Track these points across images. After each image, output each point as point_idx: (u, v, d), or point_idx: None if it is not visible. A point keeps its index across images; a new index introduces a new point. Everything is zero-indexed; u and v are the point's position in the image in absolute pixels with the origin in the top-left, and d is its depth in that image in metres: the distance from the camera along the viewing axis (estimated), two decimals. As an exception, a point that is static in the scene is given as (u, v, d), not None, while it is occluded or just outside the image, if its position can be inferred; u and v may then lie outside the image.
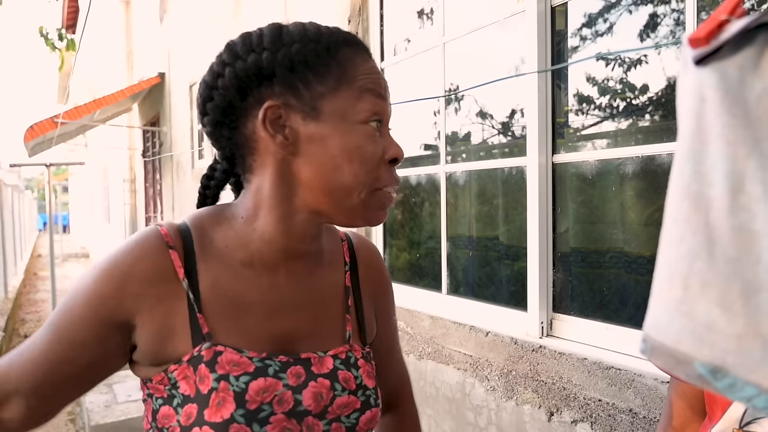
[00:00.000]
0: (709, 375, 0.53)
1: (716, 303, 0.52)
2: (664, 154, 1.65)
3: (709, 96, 0.52)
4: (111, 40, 11.62)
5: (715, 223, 0.52)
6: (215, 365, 0.75)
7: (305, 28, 0.80)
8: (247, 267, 0.81)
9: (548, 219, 1.98)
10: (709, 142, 0.52)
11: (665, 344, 0.55)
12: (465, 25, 2.37)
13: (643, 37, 1.74)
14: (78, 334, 0.76)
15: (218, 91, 0.79)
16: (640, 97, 1.78)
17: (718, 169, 0.52)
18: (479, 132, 2.46)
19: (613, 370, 1.65)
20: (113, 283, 0.76)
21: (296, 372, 0.80)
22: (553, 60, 1.96)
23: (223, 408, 0.73)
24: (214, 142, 0.84)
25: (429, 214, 2.67)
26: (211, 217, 0.83)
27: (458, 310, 2.37)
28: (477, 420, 2.16)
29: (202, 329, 0.77)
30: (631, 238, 1.79)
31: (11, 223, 11.44)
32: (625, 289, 1.82)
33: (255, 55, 0.78)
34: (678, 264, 0.54)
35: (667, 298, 0.55)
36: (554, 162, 1.96)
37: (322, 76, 0.78)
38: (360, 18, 2.88)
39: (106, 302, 0.76)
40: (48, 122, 7.01)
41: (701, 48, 0.53)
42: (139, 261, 0.77)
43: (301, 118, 0.77)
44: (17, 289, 9.85)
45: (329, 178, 0.78)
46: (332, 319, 0.89)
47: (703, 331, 0.52)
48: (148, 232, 0.79)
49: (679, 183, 0.55)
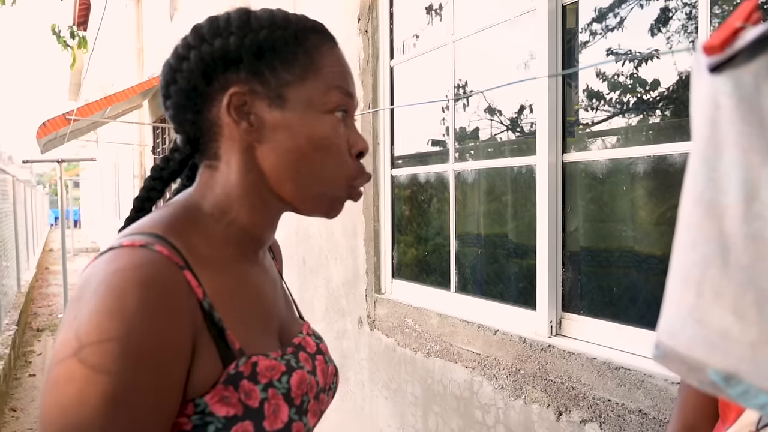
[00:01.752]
0: (722, 382, 0.52)
1: (730, 310, 0.52)
2: (676, 153, 1.64)
3: (724, 103, 0.52)
4: (122, 37, 11.67)
5: (728, 230, 0.52)
6: (257, 376, 0.72)
7: (273, 15, 0.79)
8: (234, 266, 0.80)
9: (558, 218, 1.97)
10: (724, 150, 0.52)
11: (678, 350, 0.55)
12: (475, 23, 2.36)
13: (654, 32, 1.73)
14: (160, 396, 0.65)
15: (182, 74, 0.77)
16: (651, 92, 1.77)
17: (732, 177, 0.52)
18: (488, 130, 2.46)
19: (623, 370, 1.64)
20: (163, 322, 0.65)
21: (304, 357, 0.83)
22: (563, 58, 1.95)
23: (280, 413, 0.73)
24: (177, 126, 0.81)
25: (437, 212, 2.67)
26: (181, 221, 0.76)
27: (466, 308, 2.37)
28: (485, 418, 2.16)
29: (234, 345, 0.72)
30: (642, 238, 1.78)
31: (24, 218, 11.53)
32: (636, 289, 1.82)
33: (222, 39, 0.76)
34: (691, 271, 0.54)
35: (680, 305, 0.55)
36: (564, 161, 1.96)
37: (289, 63, 0.77)
38: (369, 16, 2.88)
39: (176, 344, 0.66)
40: (60, 119, 7.06)
41: (716, 55, 0.53)
42: (166, 295, 0.66)
43: (267, 105, 0.76)
44: (29, 284, 9.94)
45: (294, 166, 0.77)
46: (288, 302, 0.94)
47: (717, 338, 0.52)
48: (147, 259, 0.67)
49: (692, 189, 0.55)
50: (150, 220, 0.76)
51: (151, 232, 0.72)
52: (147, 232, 0.71)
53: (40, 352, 6.49)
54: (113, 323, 0.62)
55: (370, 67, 2.87)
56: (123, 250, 0.68)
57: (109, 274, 0.65)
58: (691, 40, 1.63)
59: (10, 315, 6.90)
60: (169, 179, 0.83)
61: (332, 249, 3.25)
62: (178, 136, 0.83)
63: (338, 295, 3.20)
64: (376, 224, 2.89)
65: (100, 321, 0.62)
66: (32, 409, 4.72)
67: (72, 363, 0.61)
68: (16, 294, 8.52)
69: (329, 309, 3.30)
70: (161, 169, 0.82)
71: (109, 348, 0.61)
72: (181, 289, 0.68)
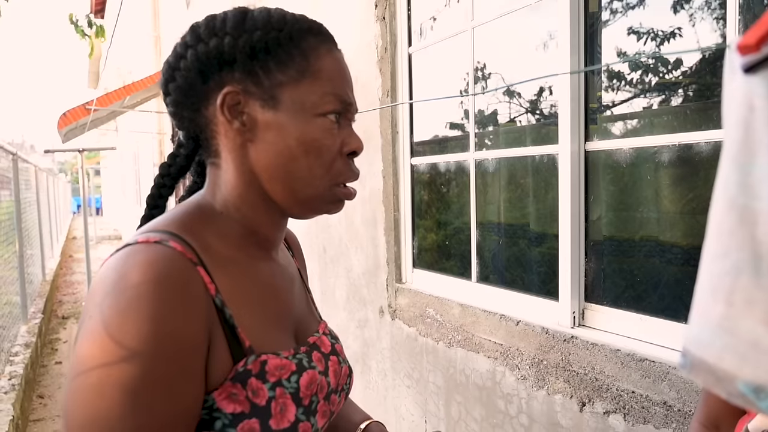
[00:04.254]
0: (752, 394, 0.51)
1: (761, 321, 0.50)
2: (702, 142, 1.60)
3: (759, 105, 0.50)
4: (139, 25, 11.71)
5: (762, 238, 0.50)
6: (266, 375, 0.73)
7: (270, 15, 0.80)
8: (248, 264, 0.81)
9: (580, 207, 1.95)
10: (758, 154, 0.50)
11: (706, 360, 0.54)
12: (495, 8, 2.32)
13: (677, 9, 1.69)
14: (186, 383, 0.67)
15: (180, 72, 0.79)
16: (674, 71, 1.73)
17: (766, 182, 0.50)
18: (508, 114, 2.43)
19: (647, 362, 1.63)
20: (180, 317, 0.66)
21: (318, 357, 0.84)
22: (586, 44, 1.91)
23: (287, 412, 0.74)
24: (177, 123, 0.83)
25: (458, 200, 2.65)
26: (195, 220, 0.78)
27: (488, 298, 2.36)
28: (508, 408, 2.15)
29: (244, 343, 0.73)
30: (666, 227, 1.75)
31: (47, 206, 11.69)
32: (660, 279, 1.79)
33: (217, 39, 0.77)
34: (722, 279, 0.53)
35: (710, 314, 0.54)
36: (587, 150, 1.93)
37: (284, 65, 0.77)
38: (387, 2, 2.85)
39: (192, 339, 0.67)
40: (80, 109, 7.13)
41: (751, 55, 0.51)
42: (182, 291, 0.67)
43: (260, 106, 0.77)
44: (54, 272, 10.09)
45: (284, 167, 0.78)
46: (305, 300, 0.94)
47: (747, 349, 0.51)
48: (162, 255, 0.67)
49: (724, 195, 0.53)
50: (164, 218, 0.78)
51: (166, 229, 0.73)
52: (161, 229, 0.73)
53: (66, 339, 6.59)
54: (132, 317, 0.63)
55: (388, 54, 2.85)
56: (138, 246, 0.69)
57: (127, 269, 0.66)
58: (723, 39, 1.59)
59: (35, 303, 7.01)
60: (178, 175, 0.85)
61: (352, 238, 3.25)
62: (180, 133, 0.85)
63: (359, 284, 3.21)
64: (396, 213, 2.88)
65: (119, 315, 0.63)
66: (59, 396, 4.81)
67: (93, 360, 0.62)
68: (41, 282, 8.66)
69: (350, 298, 3.31)
70: (169, 166, 0.84)
71: (128, 340, 0.62)
72: (196, 284, 0.69)
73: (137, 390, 0.61)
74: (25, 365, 4.60)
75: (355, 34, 3.05)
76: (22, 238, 6.47)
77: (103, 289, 0.66)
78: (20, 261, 6.18)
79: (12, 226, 6.20)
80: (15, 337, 5.46)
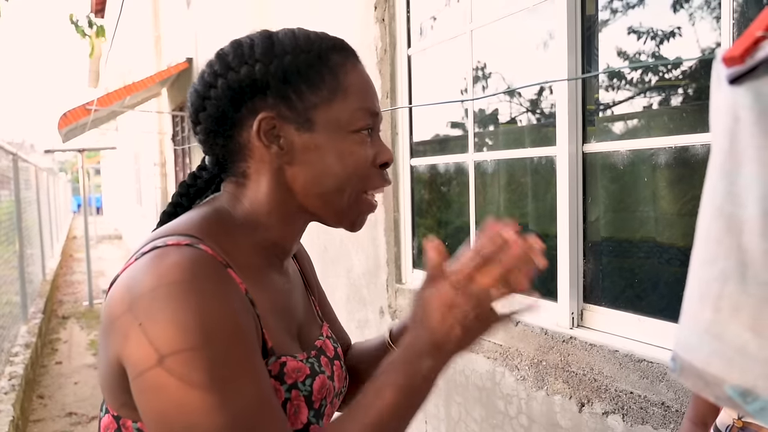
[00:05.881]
0: (739, 398, 0.52)
1: (748, 327, 0.51)
2: (698, 144, 1.61)
3: (744, 116, 0.51)
4: (140, 24, 11.72)
5: (747, 246, 0.51)
6: (284, 377, 0.75)
7: (296, 37, 0.80)
8: (266, 273, 0.83)
9: (578, 208, 1.96)
10: (743, 163, 0.51)
11: (695, 365, 0.55)
12: (493, 11, 2.33)
13: (676, 8, 1.70)
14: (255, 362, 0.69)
15: (211, 102, 0.79)
16: (671, 73, 1.74)
17: (751, 191, 0.51)
18: (507, 114, 2.44)
19: (645, 362, 1.64)
20: (229, 304, 0.68)
21: (325, 362, 0.86)
22: (583, 47, 1.92)
23: (300, 414, 0.76)
24: (206, 150, 0.84)
25: (458, 201, 2.66)
26: (214, 227, 0.78)
27: (487, 298, 2.36)
28: (507, 408, 2.16)
29: (267, 343, 0.75)
30: (664, 228, 1.77)
31: (47, 205, 11.69)
32: (658, 280, 1.80)
33: (248, 67, 0.78)
34: (709, 285, 0.54)
35: (698, 319, 0.55)
36: (585, 151, 1.94)
37: (316, 86, 0.78)
38: (386, 4, 2.86)
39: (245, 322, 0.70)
40: (80, 109, 7.13)
41: (736, 66, 0.52)
42: (225, 285, 0.69)
43: (295, 129, 0.78)
44: (54, 271, 10.09)
45: (322, 183, 0.79)
46: (309, 304, 0.96)
47: (734, 354, 0.52)
48: (197, 255, 0.69)
49: (711, 203, 0.54)
50: (184, 222, 0.78)
51: (189, 233, 0.73)
52: (185, 233, 0.73)
53: (66, 339, 6.60)
54: (191, 310, 0.64)
55: (388, 55, 2.86)
56: (170, 248, 0.69)
57: (163, 270, 0.66)
58: (712, 50, 1.60)
59: (36, 303, 7.01)
60: (195, 196, 0.86)
61: (353, 239, 3.26)
62: (207, 157, 0.86)
63: (359, 284, 3.22)
64: (396, 214, 2.89)
65: (174, 316, 0.64)
66: (59, 397, 4.82)
67: (159, 365, 0.63)
68: (42, 282, 8.66)
69: (351, 299, 3.32)
70: (189, 186, 0.86)
71: (190, 336, 0.63)
72: (232, 282, 0.71)
73: (225, 377, 0.63)
74: (25, 365, 4.61)
75: (355, 35, 3.06)
76: (22, 237, 6.48)
77: (141, 293, 0.65)
78: (20, 260, 6.19)
79: (12, 225, 6.20)
80: (15, 337, 5.46)
